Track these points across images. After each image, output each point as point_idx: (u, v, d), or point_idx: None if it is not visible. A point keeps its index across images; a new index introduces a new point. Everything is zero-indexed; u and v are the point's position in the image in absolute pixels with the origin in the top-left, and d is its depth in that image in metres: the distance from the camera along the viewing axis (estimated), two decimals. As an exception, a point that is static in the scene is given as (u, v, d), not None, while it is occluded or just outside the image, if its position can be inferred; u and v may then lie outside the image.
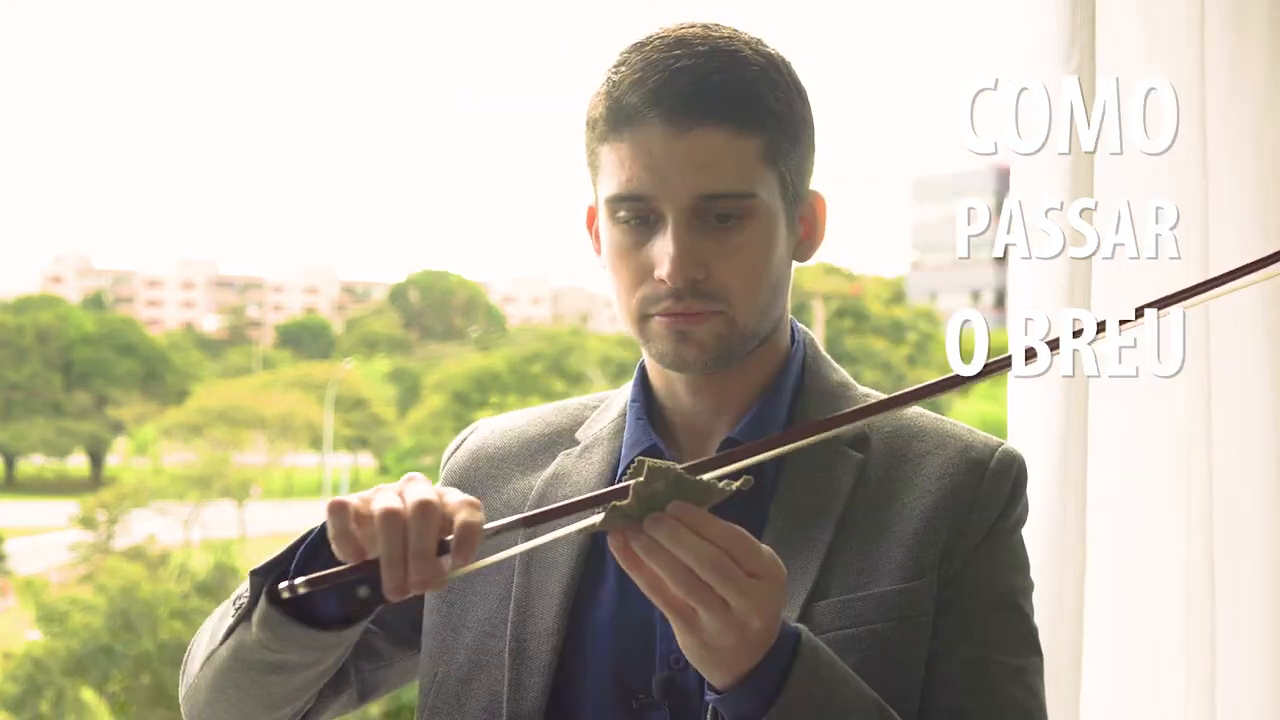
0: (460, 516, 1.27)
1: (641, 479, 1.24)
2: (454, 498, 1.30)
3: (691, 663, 1.30)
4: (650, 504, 1.24)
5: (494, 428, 1.66)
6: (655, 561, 1.25)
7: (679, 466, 1.25)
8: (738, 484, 1.26)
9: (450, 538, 1.27)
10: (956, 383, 1.32)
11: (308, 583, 1.27)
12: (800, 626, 1.34)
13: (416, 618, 1.61)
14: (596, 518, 1.26)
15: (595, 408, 1.64)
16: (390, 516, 1.27)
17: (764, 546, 1.27)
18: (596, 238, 1.54)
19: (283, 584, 1.28)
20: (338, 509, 1.29)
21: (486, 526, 1.27)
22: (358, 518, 1.28)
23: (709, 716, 1.33)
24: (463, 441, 1.67)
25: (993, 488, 1.49)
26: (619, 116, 1.44)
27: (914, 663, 1.44)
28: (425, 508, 1.27)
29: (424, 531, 1.26)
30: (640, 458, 1.26)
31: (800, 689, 1.30)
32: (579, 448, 1.59)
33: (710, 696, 1.32)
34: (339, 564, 1.29)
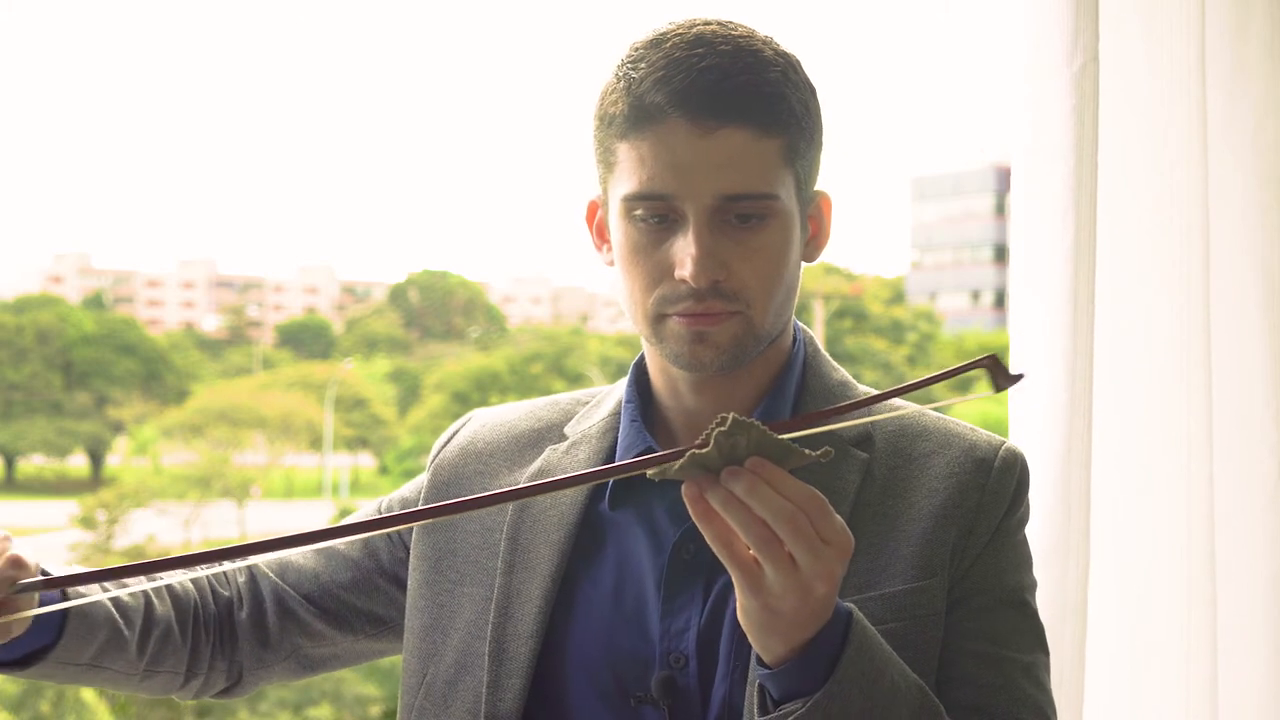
0: None
1: (725, 429, 1.23)
2: (14, 550, 1.40)
3: (748, 632, 1.28)
4: (730, 457, 1.24)
5: (485, 421, 1.66)
6: (730, 514, 1.24)
7: (763, 425, 1.25)
8: (818, 453, 1.25)
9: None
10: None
11: None
12: (851, 605, 1.33)
13: (364, 608, 1.65)
14: (671, 463, 1.24)
15: (587, 404, 1.63)
16: None
17: (837, 515, 1.26)
18: (599, 233, 1.53)
19: None
20: None
21: (21, 583, 1.39)
22: None
23: (755, 695, 1.32)
24: (454, 434, 1.67)
25: (999, 486, 1.50)
26: (641, 114, 1.42)
27: (927, 660, 1.44)
28: None
29: None
30: (726, 413, 1.25)
31: (853, 666, 1.29)
32: (565, 444, 1.59)
33: (761, 673, 1.31)
34: None
